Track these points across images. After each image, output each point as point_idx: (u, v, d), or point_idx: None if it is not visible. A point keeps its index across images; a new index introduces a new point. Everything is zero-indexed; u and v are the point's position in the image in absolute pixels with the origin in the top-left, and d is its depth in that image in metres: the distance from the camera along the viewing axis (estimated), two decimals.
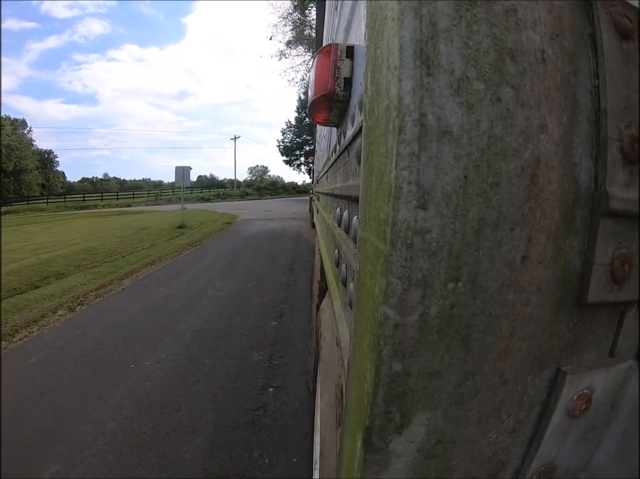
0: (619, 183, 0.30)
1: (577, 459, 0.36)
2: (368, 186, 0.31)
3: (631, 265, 0.32)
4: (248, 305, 3.71)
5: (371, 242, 0.29)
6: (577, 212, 0.29)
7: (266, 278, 4.78)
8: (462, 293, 0.26)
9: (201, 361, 2.53)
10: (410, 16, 0.24)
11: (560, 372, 0.31)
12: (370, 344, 0.28)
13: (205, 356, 2.61)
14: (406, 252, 0.25)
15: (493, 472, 0.33)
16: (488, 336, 0.27)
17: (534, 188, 0.27)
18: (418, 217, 0.24)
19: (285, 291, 4.24)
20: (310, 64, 15.29)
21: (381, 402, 0.27)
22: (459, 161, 0.25)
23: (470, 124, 0.25)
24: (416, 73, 0.24)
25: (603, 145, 0.29)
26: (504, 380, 0.29)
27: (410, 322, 0.25)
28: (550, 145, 0.27)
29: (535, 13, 0.27)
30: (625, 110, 0.31)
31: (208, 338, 2.91)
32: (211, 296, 4.01)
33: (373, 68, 0.30)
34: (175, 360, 2.56)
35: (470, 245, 0.25)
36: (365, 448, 0.28)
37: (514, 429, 0.32)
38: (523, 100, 0.26)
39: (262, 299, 3.87)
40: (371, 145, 0.31)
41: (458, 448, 0.30)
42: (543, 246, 0.28)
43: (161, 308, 3.62)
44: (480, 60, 0.25)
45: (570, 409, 0.32)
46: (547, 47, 0.27)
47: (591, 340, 0.33)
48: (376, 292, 0.27)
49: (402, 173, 0.24)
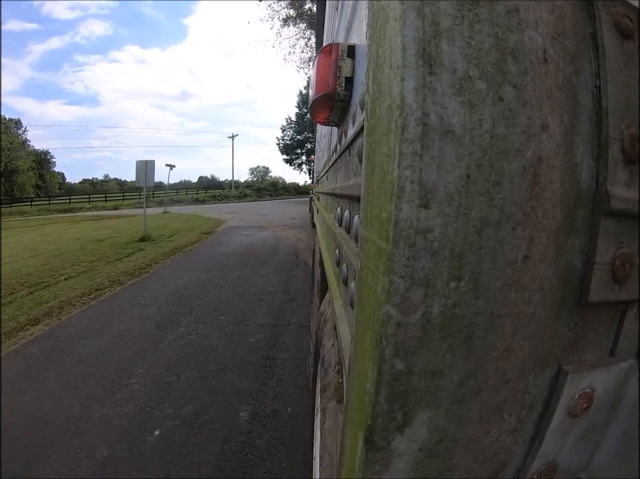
0: (620, 183, 0.30)
1: (578, 458, 0.36)
2: (370, 185, 0.31)
3: (632, 264, 0.32)
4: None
5: (373, 241, 0.30)
6: (579, 212, 0.29)
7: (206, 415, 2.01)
8: (464, 291, 0.26)
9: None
10: (412, 15, 0.24)
11: (561, 371, 0.31)
12: (372, 343, 0.28)
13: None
14: (408, 251, 0.25)
15: (495, 471, 0.33)
16: (490, 335, 0.27)
17: (536, 187, 0.27)
18: (420, 216, 0.25)
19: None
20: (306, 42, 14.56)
21: (383, 401, 0.27)
22: (461, 160, 0.25)
23: (472, 123, 0.25)
24: (419, 72, 0.24)
25: (604, 145, 0.29)
26: (506, 379, 0.29)
27: (413, 321, 0.25)
28: (552, 144, 0.27)
29: (537, 13, 0.27)
30: (626, 110, 0.31)
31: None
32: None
33: (375, 68, 0.31)
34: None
35: (472, 244, 0.25)
36: (367, 446, 0.28)
37: (516, 428, 0.32)
38: (525, 99, 0.26)
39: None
40: (373, 144, 0.31)
41: (459, 447, 0.30)
42: (544, 245, 0.28)
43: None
44: (482, 60, 0.25)
45: (571, 408, 0.32)
46: (549, 47, 0.27)
47: (592, 340, 0.33)
48: (379, 291, 0.27)
49: (404, 172, 0.24)
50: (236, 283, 4.60)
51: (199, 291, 4.28)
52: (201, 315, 3.48)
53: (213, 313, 3.53)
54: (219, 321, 3.32)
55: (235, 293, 4.19)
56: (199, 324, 3.25)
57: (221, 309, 3.64)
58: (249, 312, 3.57)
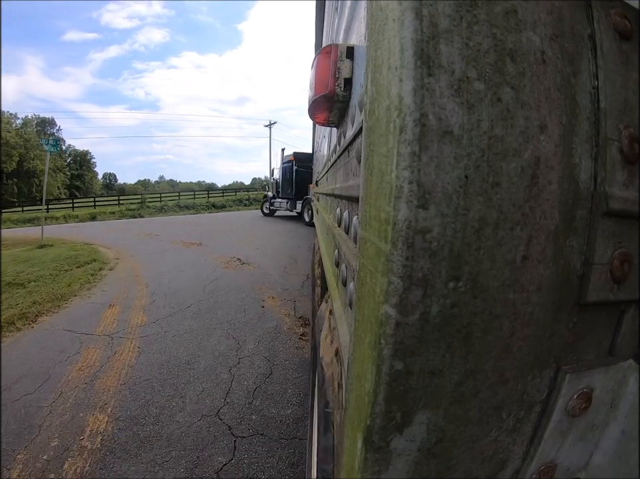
0: (618, 184, 0.30)
1: (577, 458, 0.36)
2: (369, 186, 0.32)
3: (630, 264, 0.32)
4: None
5: (372, 242, 0.30)
6: (577, 212, 0.29)
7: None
8: (462, 292, 0.26)
9: None
10: (410, 16, 0.25)
11: (560, 371, 0.32)
12: (371, 343, 0.28)
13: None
14: (407, 251, 0.25)
15: (494, 471, 0.33)
16: (489, 335, 0.27)
17: (534, 188, 0.27)
18: (418, 216, 0.25)
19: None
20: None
21: (382, 401, 0.27)
22: (459, 161, 0.25)
23: (470, 124, 0.25)
24: (417, 73, 0.24)
25: (603, 145, 0.30)
26: (505, 379, 0.29)
27: (411, 321, 0.26)
28: (550, 145, 0.27)
29: (535, 14, 0.27)
30: (624, 111, 0.31)
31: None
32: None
33: (374, 69, 0.31)
34: None
35: (471, 245, 0.26)
36: (366, 447, 0.28)
37: (515, 428, 0.32)
38: (523, 100, 0.26)
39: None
40: (372, 145, 0.31)
41: (458, 447, 0.30)
42: (543, 246, 0.28)
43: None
44: (481, 61, 0.25)
45: (570, 408, 0.32)
46: (547, 48, 0.27)
47: (590, 340, 0.33)
48: (377, 291, 0.27)
49: (403, 172, 0.25)
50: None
51: None
52: None
53: None
54: None
55: None
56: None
57: None
58: None
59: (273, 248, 7.65)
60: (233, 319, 3.65)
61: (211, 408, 2.23)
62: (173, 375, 2.60)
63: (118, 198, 25.94)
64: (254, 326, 3.47)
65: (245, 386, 2.48)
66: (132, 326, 3.49)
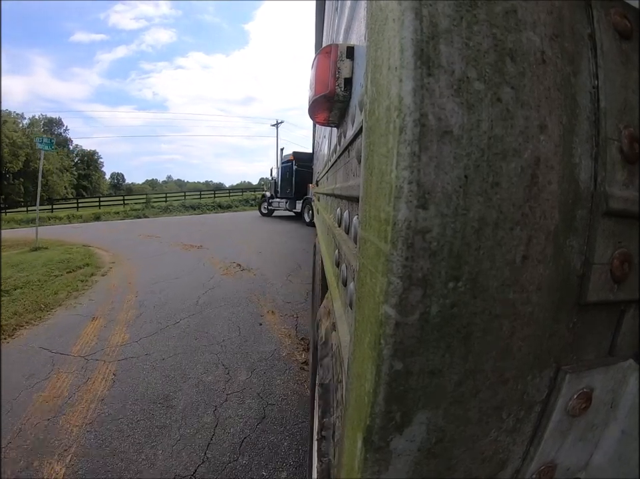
0: (618, 183, 0.30)
1: (577, 458, 0.36)
2: (369, 186, 0.32)
3: (630, 264, 0.32)
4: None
5: (372, 242, 0.30)
6: (577, 212, 0.29)
7: None
8: (462, 292, 0.26)
9: None
10: (410, 16, 0.25)
11: (560, 371, 0.32)
12: (370, 343, 0.28)
13: None
14: (406, 251, 0.25)
15: (494, 471, 0.33)
16: (489, 335, 0.27)
17: (534, 188, 0.27)
18: (418, 216, 0.25)
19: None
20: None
21: (382, 401, 0.27)
22: (459, 161, 0.25)
23: (470, 124, 0.25)
24: (417, 73, 0.24)
25: (603, 145, 0.30)
26: (504, 379, 0.29)
27: (411, 321, 0.26)
28: (550, 145, 0.27)
29: (535, 14, 0.27)
30: (624, 111, 0.31)
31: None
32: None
33: (374, 69, 0.31)
34: None
35: (471, 245, 0.26)
36: (366, 447, 0.28)
37: (514, 428, 0.32)
38: (523, 100, 0.26)
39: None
40: (372, 145, 0.31)
41: (458, 447, 0.30)
42: (543, 246, 0.28)
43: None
44: (480, 61, 0.25)
45: (570, 408, 0.32)
46: (547, 48, 0.27)
47: (590, 340, 0.33)
48: (377, 291, 0.27)
49: (402, 173, 0.25)
50: None
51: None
52: None
53: None
54: None
55: None
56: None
57: None
58: None
59: (275, 251, 7.26)
60: (226, 340, 3.21)
61: (187, 465, 1.79)
62: (148, 415, 2.19)
63: (123, 198, 25.53)
64: (248, 350, 3.01)
65: (231, 434, 2.02)
66: (112, 346, 3.12)
